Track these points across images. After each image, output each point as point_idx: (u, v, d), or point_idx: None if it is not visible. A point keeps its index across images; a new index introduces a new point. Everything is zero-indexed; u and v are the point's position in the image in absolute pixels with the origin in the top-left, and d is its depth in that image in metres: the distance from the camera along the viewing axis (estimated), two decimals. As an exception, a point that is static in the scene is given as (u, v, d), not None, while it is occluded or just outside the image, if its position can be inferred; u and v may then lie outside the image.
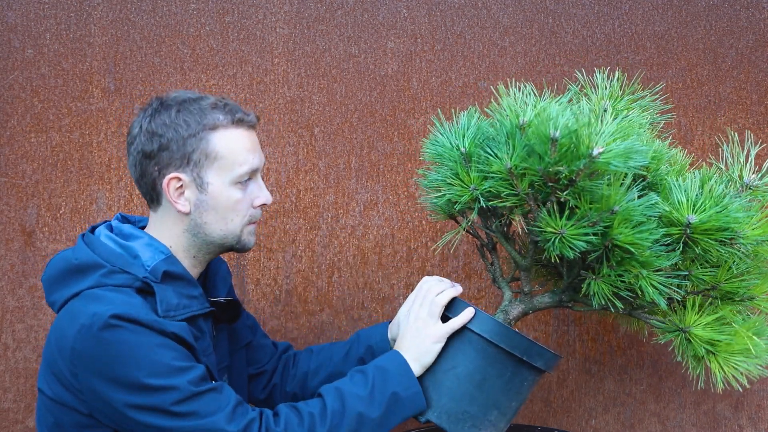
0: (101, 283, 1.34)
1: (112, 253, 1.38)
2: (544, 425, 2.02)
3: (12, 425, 2.01)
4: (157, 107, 1.40)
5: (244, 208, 1.43)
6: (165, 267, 1.38)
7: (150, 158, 1.39)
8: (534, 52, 2.02)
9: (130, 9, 2.02)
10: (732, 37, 2.01)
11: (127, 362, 1.27)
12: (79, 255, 1.38)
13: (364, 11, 2.03)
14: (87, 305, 1.31)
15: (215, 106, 1.40)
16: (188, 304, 1.39)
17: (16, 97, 2.01)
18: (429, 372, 1.46)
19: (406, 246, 2.03)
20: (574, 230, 1.34)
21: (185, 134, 1.37)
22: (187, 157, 1.38)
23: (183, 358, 1.32)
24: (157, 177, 1.40)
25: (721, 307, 1.45)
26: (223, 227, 1.43)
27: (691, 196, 1.37)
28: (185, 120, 1.38)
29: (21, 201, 2.01)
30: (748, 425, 2.01)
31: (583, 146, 1.29)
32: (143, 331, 1.28)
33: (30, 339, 2.01)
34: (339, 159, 2.03)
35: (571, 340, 2.03)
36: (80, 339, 1.28)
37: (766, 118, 2.01)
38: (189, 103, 1.40)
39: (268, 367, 1.69)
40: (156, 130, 1.38)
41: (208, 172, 1.39)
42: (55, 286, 1.39)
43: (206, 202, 1.40)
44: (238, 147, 1.41)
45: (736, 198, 1.39)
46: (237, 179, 1.41)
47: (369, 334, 1.63)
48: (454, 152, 1.47)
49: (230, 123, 1.40)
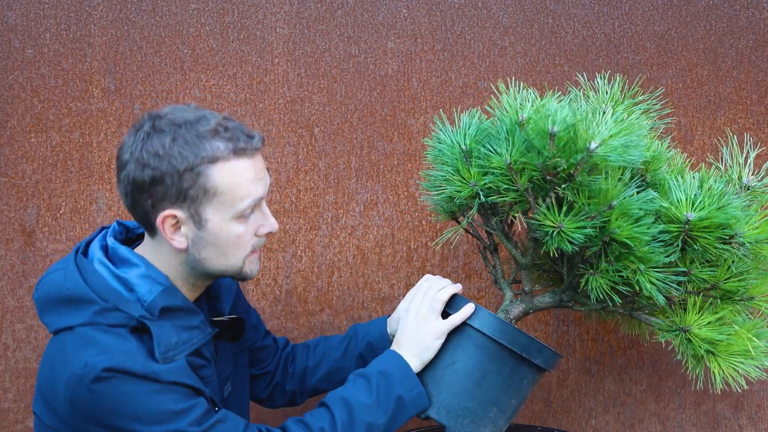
0: (94, 321, 1.25)
1: (106, 288, 1.28)
2: (544, 425, 2.02)
3: (12, 425, 2.01)
4: (149, 131, 1.26)
5: (246, 241, 1.33)
6: (163, 302, 1.30)
7: (142, 190, 1.26)
8: (534, 52, 2.02)
9: (130, 9, 2.02)
10: (732, 37, 2.01)
11: (124, 413, 1.22)
12: (71, 285, 1.29)
13: (364, 11, 2.03)
14: (79, 351, 1.23)
15: (215, 133, 1.26)
16: (188, 338, 1.32)
17: (16, 97, 2.01)
18: (428, 368, 1.46)
19: (406, 246, 2.03)
20: (573, 224, 1.36)
21: (181, 168, 1.23)
22: (184, 193, 1.25)
23: (183, 398, 1.26)
24: (150, 211, 1.28)
25: (720, 307, 1.46)
26: (223, 262, 1.33)
27: (690, 194, 1.38)
28: (181, 152, 1.23)
29: (21, 201, 2.01)
30: (748, 425, 2.01)
31: (581, 140, 1.31)
32: (138, 381, 1.22)
33: (30, 339, 2.01)
34: (339, 159, 2.03)
35: (571, 340, 2.03)
36: (72, 387, 1.22)
37: (766, 118, 2.01)
38: (186, 128, 1.25)
39: (271, 368, 1.68)
40: (148, 161, 1.24)
41: (206, 208, 1.27)
42: (46, 310, 1.32)
43: (205, 239, 1.30)
44: (239, 180, 1.27)
45: (735, 198, 1.40)
46: (239, 214, 1.29)
47: (368, 329, 1.62)
48: (455, 149, 1.49)
49: (231, 153, 1.26)
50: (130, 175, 1.26)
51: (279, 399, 1.69)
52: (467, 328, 1.46)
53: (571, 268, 1.52)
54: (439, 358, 1.46)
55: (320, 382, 1.65)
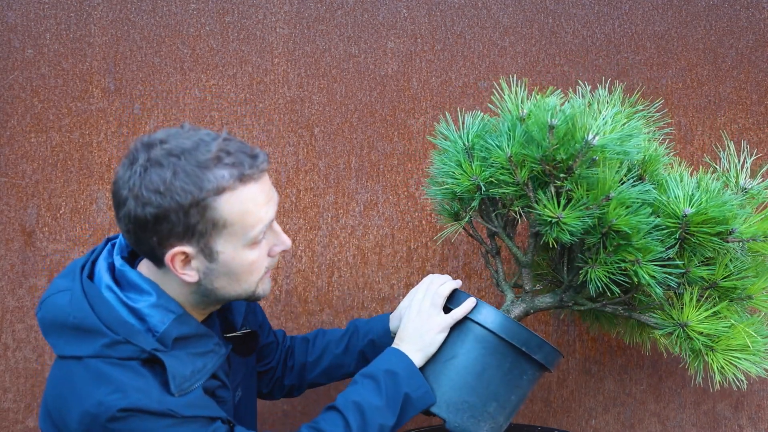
0: (104, 354, 1.20)
1: (116, 319, 1.22)
2: (544, 425, 2.02)
3: (12, 425, 2.01)
4: (145, 165, 1.17)
5: (260, 265, 1.27)
6: (176, 332, 1.25)
7: (145, 229, 1.19)
8: (534, 52, 2.02)
9: (130, 9, 2.02)
10: (732, 37, 2.01)
11: None
12: (78, 314, 1.22)
13: (364, 11, 2.03)
14: (91, 386, 1.19)
15: (218, 160, 1.17)
16: (203, 366, 1.28)
17: (16, 97, 2.01)
18: (430, 362, 1.47)
19: (406, 246, 2.03)
20: (571, 215, 1.38)
21: (185, 203, 1.16)
22: (191, 229, 1.18)
23: (200, 428, 1.23)
24: (157, 248, 1.21)
25: (719, 305, 1.47)
26: (237, 288, 1.28)
27: (687, 190, 1.40)
28: (183, 187, 1.16)
29: (21, 201, 2.01)
30: (748, 425, 2.01)
31: (580, 132, 1.34)
32: (154, 418, 1.18)
33: (30, 339, 2.01)
34: (339, 159, 2.03)
35: (571, 340, 2.03)
36: (85, 425, 1.18)
37: (766, 118, 2.01)
38: (185, 159, 1.16)
39: (274, 363, 1.68)
40: (149, 199, 1.16)
41: (217, 241, 1.21)
42: (51, 332, 1.26)
43: (217, 270, 1.24)
44: (248, 207, 1.20)
45: (732, 195, 1.42)
46: (251, 242, 1.23)
47: (370, 327, 1.63)
48: (458, 144, 1.52)
49: (237, 181, 1.18)
50: (131, 213, 1.18)
51: (277, 392, 1.70)
52: (468, 322, 1.47)
53: (571, 268, 1.53)
54: (440, 352, 1.47)
55: (319, 377, 1.66)
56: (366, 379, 1.41)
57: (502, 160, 1.43)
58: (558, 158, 1.37)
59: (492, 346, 1.45)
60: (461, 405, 1.44)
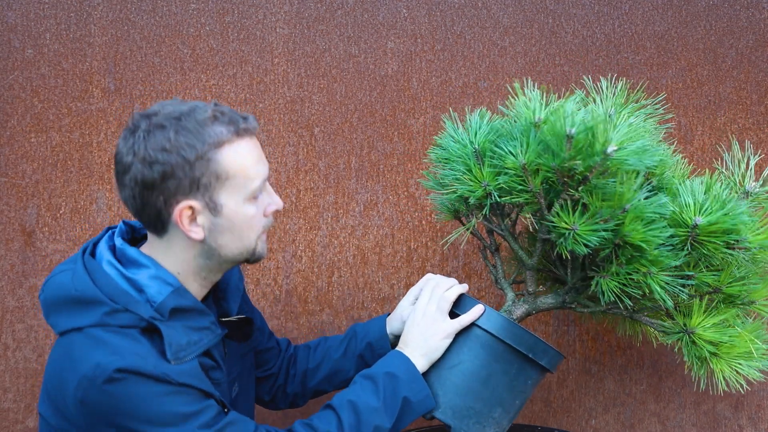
0: (104, 322, 1.25)
1: (116, 289, 1.28)
2: (544, 425, 2.02)
3: (12, 425, 2.01)
4: (148, 129, 1.25)
5: (258, 222, 1.34)
6: (173, 303, 1.29)
7: (153, 188, 1.25)
8: (534, 52, 2.02)
9: (130, 9, 2.02)
10: (732, 37, 2.01)
11: (135, 414, 1.21)
12: (80, 286, 1.28)
13: (364, 11, 2.03)
14: (89, 351, 1.23)
15: (214, 119, 1.27)
16: (199, 339, 1.32)
17: (16, 97, 2.01)
18: (434, 368, 1.46)
19: (406, 246, 2.03)
20: (587, 227, 1.36)
21: (191, 158, 1.24)
22: (197, 182, 1.25)
23: (194, 400, 1.26)
24: (164, 207, 1.27)
25: (723, 310, 1.46)
26: (239, 245, 1.34)
27: (697, 198, 1.39)
28: (188, 142, 1.24)
29: (21, 201, 2.01)
30: (748, 425, 2.01)
31: (599, 143, 1.31)
32: (150, 383, 1.22)
33: (30, 339, 2.01)
34: (339, 159, 2.03)
35: (571, 340, 2.03)
36: (83, 389, 1.21)
37: (766, 118, 2.01)
38: (185, 119, 1.25)
39: (275, 370, 1.68)
40: (156, 157, 1.23)
41: (221, 193, 1.28)
42: (53, 311, 1.31)
43: (221, 224, 1.30)
44: (246, 161, 1.29)
45: (740, 203, 1.41)
46: (251, 195, 1.31)
47: (367, 329, 1.62)
48: (467, 149, 1.49)
49: (234, 135, 1.28)
50: (137, 176, 1.24)
51: (281, 401, 1.69)
52: (474, 328, 1.46)
53: (575, 270, 1.52)
54: (445, 358, 1.46)
55: (321, 384, 1.65)
56: (365, 380, 1.40)
57: (516, 168, 1.40)
58: (575, 168, 1.34)
59: (498, 353, 1.45)
60: (467, 411, 1.44)
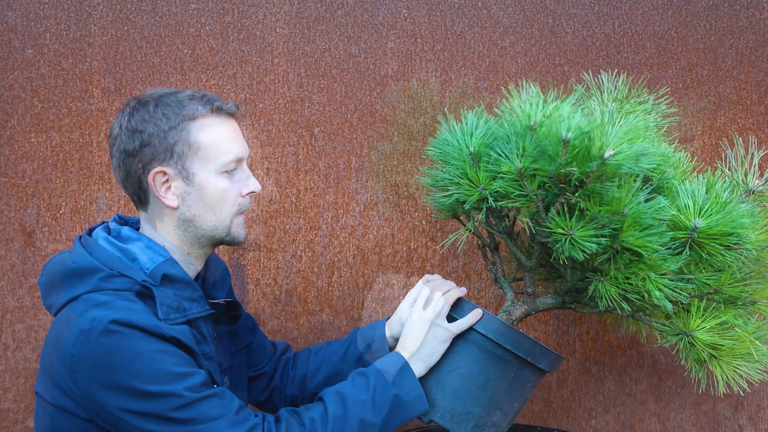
0: (100, 287, 1.32)
1: (110, 257, 1.36)
2: (544, 425, 2.02)
3: (12, 425, 2.01)
4: (135, 105, 1.39)
5: (231, 197, 1.41)
6: (164, 270, 1.36)
7: (133, 156, 1.37)
8: (534, 52, 2.02)
9: (130, 9, 2.02)
10: (732, 37, 2.01)
11: (126, 369, 1.26)
12: (77, 259, 1.36)
13: (364, 11, 2.03)
14: (86, 310, 1.29)
15: (192, 98, 1.39)
16: (189, 307, 1.38)
17: (16, 97, 2.01)
18: (432, 372, 1.46)
19: (406, 246, 2.03)
20: (584, 232, 1.35)
21: (165, 127, 1.36)
22: (170, 150, 1.36)
23: (184, 363, 1.31)
24: (142, 174, 1.38)
25: (723, 311, 1.45)
26: (212, 218, 1.41)
27: (697, 200, 1.37)
28: (164, 113, 1.36)
29: (21, 201, 2.01)
30: (748, 425, 2.01)
31: (595, 148, 1.29)
32: (143, 337, 1.27)
33: (30, 339, 2.01)
34: (339, 159, 2.03)
35: (571, 340, 2.03)
36: (79, 344, 1.26)
37: (766, 118, 2.01)
38: (166, 97, 1.38)
39: (267, 369, 1.68)
40: (136, 126, 1.36)
41: (192, 162, 1.37)
42: (52, 290, 1.38)
43: (193, 193, 1.39)
44: (220, 136, 1.39)
45: (741, 203, 1.40)
46: (222, 168, 1.39)
47: (367, 332, 1.62)
48: (463, 151, 1.47)
49: (209, 112, 1.39)
50: (121, 145, 1.38)
51: (279, 403, 1.69)
52: (472, 333, 1.45)
53: (573, 271, 1.51)
54: (443, 362, 1.46)
55: (320, 387, 1.64)
56: (358, 376, 1.42)
57: (512, 172, 1.39)
58: (572, 174, 1.33)
59: (496, 357, 1.44)
60: (465, 416, 1.43)
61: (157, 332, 1.28)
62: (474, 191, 1.45)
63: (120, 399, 1.26)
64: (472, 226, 1.57)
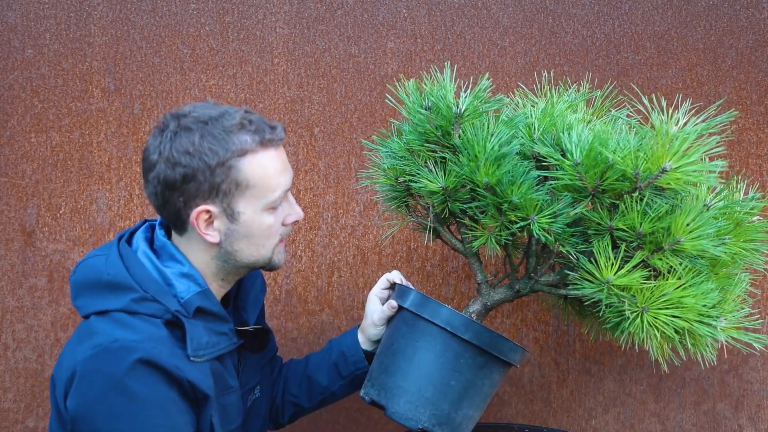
0: (131, 309, 1.27)
1: (148, 278, 1.30)
2: (544, 425, 2.02)
3: (12, 425, 2.01)
4: (176, 130, 1.28)
5: (275, 231, 1.36)
6: (199, 303, 1.31)
7: (174, 189, 1.28)
8: (534, 52, 2.02)
9: (130, 9, 2.02)
10: (732, 37, 2.01)
11: (119, 407, 1.21)
12: (113, 271, 1.30)
13: (364, 11, 2.03)
14: (112, 329, 1.24)
15: (242, 127, 1.29)
16: (217, 342, 1.34)
17: (16, 97, 2.01)
18: (377, 357, 1.49)
19: (406, 246, 2.03)
20: (450, 180, 1.45)
21: (212, 163, 1.26)
22: (216, 188, 1.28)
23: (178, 416, 1.26)
24: (183, 208, 1.30)
25: (640, 254, 1.34)
26: (255, 253, 1.36)
27: (582, 141, 1.34)
28: (210, 148, 1.26)
29: (21, 201, 2.01)
30: (748, 425, 2.01)
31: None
32: (158, 380, 1.22)
33: (30, 339, 2.01)
34: (339, 159, 2.03)
35: (571, 340, 2.03)
36: (91, 355, 1.22)
37: (766, 118, 2.01)
38: (212, 125, 1.28)
39: (275, 375, 1.68)
40: (179, 159, 1.26)
41: (239, 201, 1.30)
42: (82, 293, 1.33)
43: (238, 231, 1.32)
44: (270, 172, 1.31)
45: (626, 136, 1.33)
46: (270, 205, 1.33)
47: (340, 340, 1.62)
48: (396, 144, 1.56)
49: (258, 145, 1.30)
50: (160, 175, 1.28)
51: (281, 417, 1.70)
52: (402, 311, 1.48)
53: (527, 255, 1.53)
54: (383, 343, 1.50)
55: (296, 394, 1.65)
56: None
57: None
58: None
59: (410, 321, 1.46)
60: (396, 390, 1.42)
61: (176, 374, 1.23)
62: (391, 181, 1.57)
63: (98, 425, 1.22)
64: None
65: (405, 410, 1.41)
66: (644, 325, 1.34)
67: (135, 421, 1.21)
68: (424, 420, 1.40)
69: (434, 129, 1.47)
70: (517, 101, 1.62)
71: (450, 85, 1.45)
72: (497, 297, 1.55)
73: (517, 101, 1.62)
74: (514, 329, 2.02)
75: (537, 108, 1.52)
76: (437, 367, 1.42)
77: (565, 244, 1.39)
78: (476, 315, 1.54)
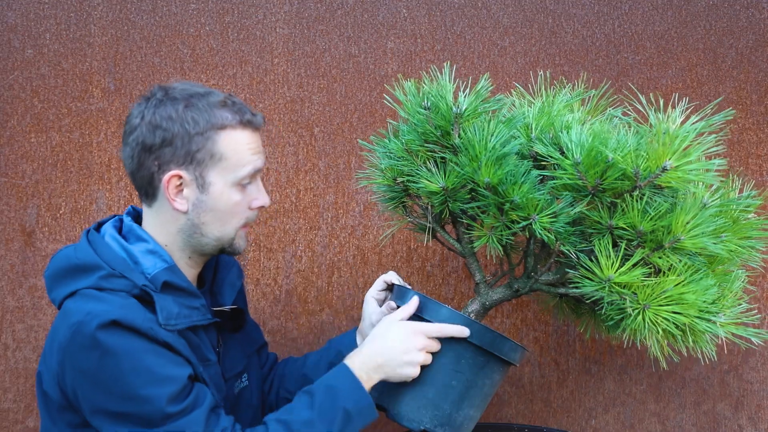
0: (99, 285, 1.31)
1: (115, 256, 1.35)
2: (544, 425, 2.02)
3: (12, 425, 2.01)
4: (161, 98, 1.34)
5: (241, 210, 1.40)
6: (165, 277, 1.35)
7: (150, 152, 1.33)
8: (534, 52, 2.02)
9: (130, 9, 2.02)
10: (732, 37, 2.01)
11: (113, 369, 1.24)
12: (81, 254, 1.35)
13: (364, 11, 2.03)
14: (83, 304, 1.28)
15: (224, 105, 1.36)
16: (189, 314, 1.36)
17: (16, 97, 2.01)
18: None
19: (406, 246, 2.03)
20: (452, 181, 1.45)
21: (192, 131, 1.32)
22: (191, 156, 1.33)
23: (177, 364, 1.28)
24: (156, 172, 1.35)
25: (641, 252, 1.35)
26: (219, 228, 1.39)
27: (581, 140, 1.34)
28: (193, 117, 1.33)
29: (21, 201, 2.01)
30: (748, 425, 2.01)
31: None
32: (136, 337, 1.25)
33: (30, 339, 2.01)
34: (339, 159, 2.03)
35: (571, 340, 2.03)
36: (71, 336, 1.25)
37: (766, 118, 2.01)
38: (197, 98, 1.35)
39: (265, 369, 1.68)
40: (160, 123, 1.32)
41: (210, 172, 1.35)
42: (55, 283, 1.37)
43: (205, 202, 1.36)
44: (244, 148, 1.37)
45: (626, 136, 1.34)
46: (239, 181, 1.37)
47: (339, 339, 1.63)
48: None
49: (238, 123, 1.36)
50: (139, 137, 1.34)
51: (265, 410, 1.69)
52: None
53: (526, 255, 1.53)
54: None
55: (291, 390, 1.64)
56: (303, 394, 1.37)
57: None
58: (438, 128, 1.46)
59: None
60: (397, 392, 1.42)
61: (151, 335, 1.26)
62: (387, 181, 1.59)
63: (100, 398, 1.25)
64: (405, 222, 1.59)
65: (407, 412, 1.41)
66: (646, 322, 1.35)
67: (131, 371, 1.24)
68: (425, 421, 1.41)
69: (434, 129, 1.48)
70: (514, 101, 1.63)
71: (450, 85, 1.47)
72: (496, 297, 1.55)
73: (514, 101, 1.63)
74: (514, 329, 2.02)
75: (534, 107, 1.52)
76: (438, 367, 1.42)
77: (565, 243, 1.39)
78: (475, 315, 1.54)
